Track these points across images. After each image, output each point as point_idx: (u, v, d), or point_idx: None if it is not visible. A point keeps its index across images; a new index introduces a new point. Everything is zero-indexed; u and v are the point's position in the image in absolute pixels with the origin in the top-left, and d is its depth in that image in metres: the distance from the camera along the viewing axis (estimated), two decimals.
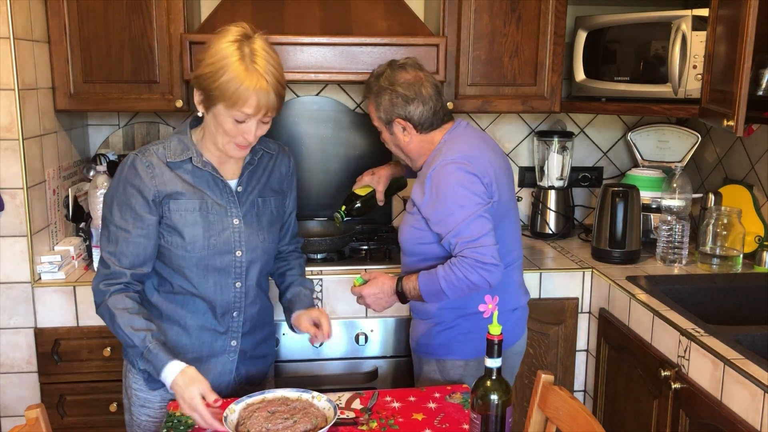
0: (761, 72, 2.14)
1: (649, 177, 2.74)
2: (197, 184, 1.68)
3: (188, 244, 1.66)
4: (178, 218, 1.66)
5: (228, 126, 1.61)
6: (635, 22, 2.54)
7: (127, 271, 1.65)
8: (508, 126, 3.05)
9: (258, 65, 1.56)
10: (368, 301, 1.93)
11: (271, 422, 1.50)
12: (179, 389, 1.53)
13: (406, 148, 1.99)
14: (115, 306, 1.62)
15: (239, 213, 1.72)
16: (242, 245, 1.72)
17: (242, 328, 1.79)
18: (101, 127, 2.83)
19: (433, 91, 1.95)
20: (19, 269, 2.25)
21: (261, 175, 1.79)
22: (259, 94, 1.56)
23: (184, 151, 1.68)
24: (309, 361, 2.42)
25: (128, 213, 1.64)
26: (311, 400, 1.61)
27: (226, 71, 1.55)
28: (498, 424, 1.38)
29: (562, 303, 2.51)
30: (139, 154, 1.67)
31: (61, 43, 2.36)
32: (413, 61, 1.99)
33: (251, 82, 1.55)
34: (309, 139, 2.91)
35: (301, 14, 2.48)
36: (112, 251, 1.65)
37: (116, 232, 1.65)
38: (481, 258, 1.76)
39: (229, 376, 1.80)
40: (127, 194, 1.64)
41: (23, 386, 2.32)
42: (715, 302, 2.28)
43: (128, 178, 1.65)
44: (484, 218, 1.81)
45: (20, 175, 2.20)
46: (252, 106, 1.57)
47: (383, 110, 1.95)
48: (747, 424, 1.63)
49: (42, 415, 1.46)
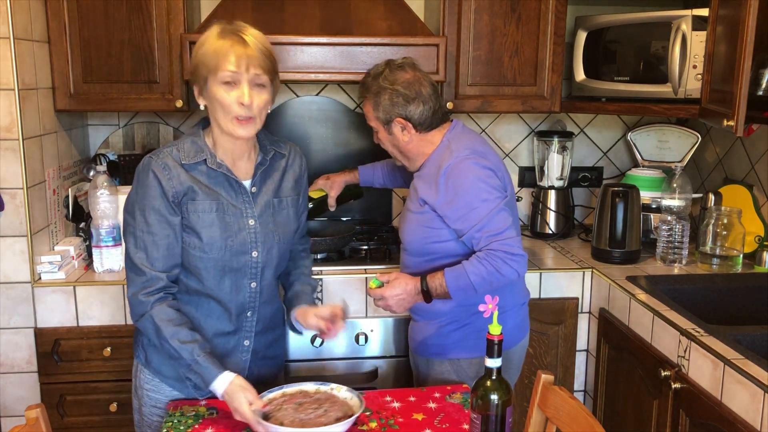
0: (761, 72, 2.14)
1: (649, 177, 2.74)
2: (212, 185, 1.68)
3: (206, 245, 1.66)
4: (196, 219, 1.66)
5: (221, 95, 1.60)
6: (635, 22, 2.54)
7: (162, 275, 1.65)
8: (508, 126, 3.05)
9: (237, 32, 1.61)
10: (390, 303, 1.88)
11: (302, 413, 1.51)
12: (229, 398, 1.56)
13: (405, 148, 1.99)
14: (159, 318, 1.63)
15: (254, 213, 1.72)
16: (258, 246, 1.72)
17: (255, 328, 1.79)
18: (101, 127, 2.83)
19: (432, 91, 1.96)
20: (19, 269, 2.25)
21: (275, 176, 1.78)
22: (236, 49, 1.58)
23: (198, 153, 1.67)
24: (309, 361, 2.42)
25: (152, 216, 1.64)
26: (331, 392, 1.62)
27: (204, 44, 1.62)
28: (498, 424, 1.38)
29: (562, 303, 2.51)
30: (154, 156, 1.67)
31: (61, 43, 2.36)
32: (410, 61, 2.00)
33: (227, 42, 1.59)
34: (309, 139, 2.91)
35: (301, 14, 2.48)
36: (143, 257, 1.65)
37: (143, 237, 1.65)
38: (510, 249, 1.78)
39: (242, 375, 1.77)
40: (149, 197, 1.64)
41: (23, 386, 2.32)
42: (715, 302, 2.28)
43: (146, 182, 1.64)
44: (505, 211, 1.84)
45: (20, 175, 2.20)
46: (233, 62, 1.58)
47: (383, 110, 1.95)
48: (747, 424, 1.63)
49: (42, 415, 1.46)
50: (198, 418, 1.63)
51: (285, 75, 2.36)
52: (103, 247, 2.37)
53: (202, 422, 1.61)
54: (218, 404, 1.68)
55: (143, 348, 1.80)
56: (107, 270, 2.38)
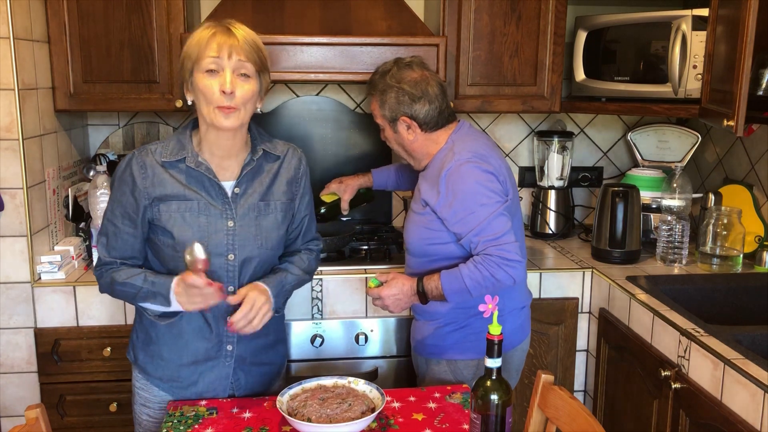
0: (761, 72, 2.14)
1: (649, 177, 2.74)
2: (191, 184, 1.66)
3: (177, 244, 1.65)
4: (168, 218, 1.65)
5: (203, 84, 1.58)
6: (635, 22, 2.54)
7: (117, 260, 1.70)
8: (508, 126, 3.05)
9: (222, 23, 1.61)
10: (387, 302, 1.89)
11: (328, 408, 1.51)
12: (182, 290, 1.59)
13: (410, 147, 1.99)
14: (110, 275, 1.69)
15: (234, 215, 1.68)
16: (235, 249, 1.68)
17: (237, 334, 1.72)
18: (101, 127, 2.83)
19: (439, 91, 1.95)
20: (19, 269, 2.25)
21: (264, 178, 1.73)
22: (219, 37, 1.57)
23: (180, 151, 1.66)
24: (309, 361, 2.42)
25: (118, 209, 1.67)
26: (350, 385, 1.62)
27: (192, 37, 1.61)
28: (498, 424, 1.38)
29: (562, 303, 2.51)
30: (137, 153, 1.67)
31: (61, 43, 2.36)
32: (419, 60, 1.99)
33: (210, 31, 1.59)
34: (309, 139, 2.91)
35: (301, 14, 2.48)
36: (103, 243, 1.71)
37: (107, 225, 1.70)
38: (506, 255, 1.77)
39: (225, 381, 1.76)
40: (120, 192, 1.67)
41: (23, 386, 2.32)
42: (715, 302, 2.28)
43: (122, 176, 1.67)
44: (504, 216, 1.82)
45: (20, 175, 2.20)
46: (214, 49, 1.57)
47: (388, 108, 1.94)
48: (747, 424, 1.63)
49: (42, 415, 1.46)
50: (198, 418, 1.63)
51: (285, 75, 2.36)
52: None
53: (202, 422, 1.61)
54: (218, 404, 1.68)
55: (133, 346, 1.82)
56: None
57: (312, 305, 2.41)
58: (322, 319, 2.42)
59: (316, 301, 2.40)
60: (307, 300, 2.39)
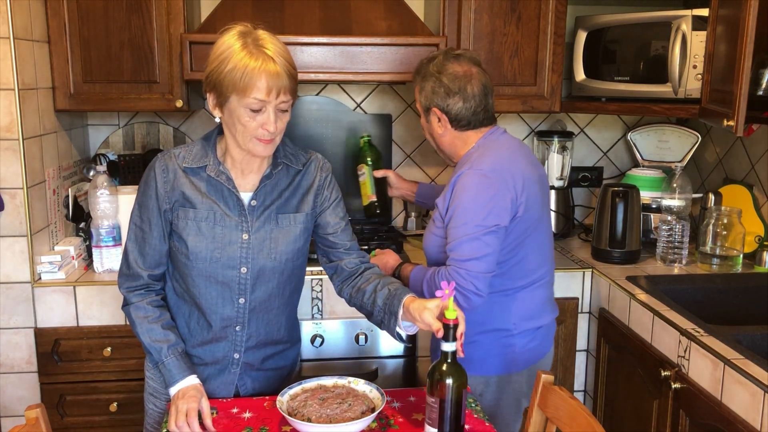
0: (761, 72, 2.14)
1: (649, 177, 2.74)
2: (210, 193, 1.65)
3: (191, 253, 1.64)
4: (184, 226, 1.64)
5: (245, 119, 1.54)
6: (635, 22, 2.54)
7: (144, 273, 1.68)
8: (508, 126, 3.05)
9: (262, 47, 1.52)
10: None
11: (328, 408, 1.51)
12: (181, 395, 1.59)
13: (439, 140, 1.96)
14: (136, 315, 1.68)
15: (249, 228, 1.65)
16: (248, 262, 1.66)
17: (246, 343, 1.72)
18: (101, 127, 2.83)
19: (479, 91, 1.88)
20: (19, 269, 2.25)
21: (284, 190, 1.69)
22: (268, 74, 1.50)
23: (203, 158, 1.64)
24: (309, 361, 2.42)
25: (145, 213, 1.67)
26: (350, 385, 1.62)
27: (230, 59, 1.51)
28: (453, 408, 1.40)
29: (562, 303, 2.51)
30: (161, 156, 1.67)
31: (61, 43, 2.36)
32: (472, 54, 1.93)
33: (257, 63, 1.50)
34: (309, 139, 2.91)
35: (301, 14, 2.48)
36: (132, 249, 1.69)
37: (136, 231, 1.69)
38: (460, 281, 1.74)
39: (231, 386, 1.76)
40: (146, 196, 1.66)
41: (23, 386, 2.32)
42: (715, 302, 2.28)
43: (147, 180, 1.67)
44: (479, 241, 1.76)
45: (20, 175, 2.20)
46: (262, 90, 1.51)
47: (424, 96, 1.91)
48: (747, 424, 1.63)
49: (42, 415, 1.46)
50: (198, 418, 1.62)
51: None
52: (103, 247, 2.37)
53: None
54: (218, 404, 1.68)
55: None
56: (107, 270, 2.38)
57: (312, 305, 2.41)
58: (322, 319, 2.42)
59: (316, 301, 2.40)
60: (308, 300, 2.39)
